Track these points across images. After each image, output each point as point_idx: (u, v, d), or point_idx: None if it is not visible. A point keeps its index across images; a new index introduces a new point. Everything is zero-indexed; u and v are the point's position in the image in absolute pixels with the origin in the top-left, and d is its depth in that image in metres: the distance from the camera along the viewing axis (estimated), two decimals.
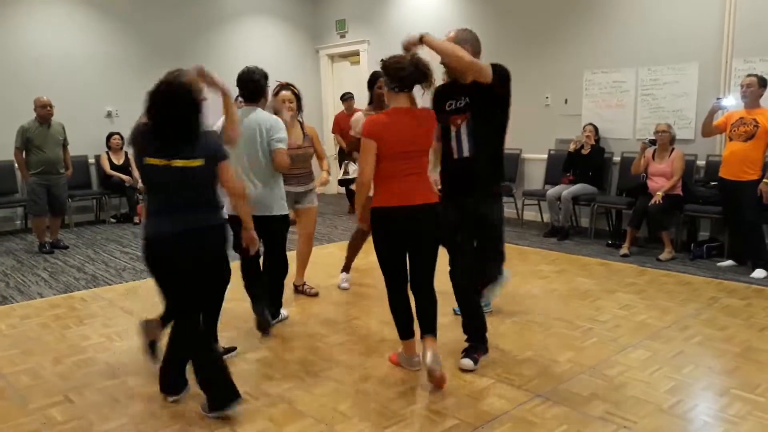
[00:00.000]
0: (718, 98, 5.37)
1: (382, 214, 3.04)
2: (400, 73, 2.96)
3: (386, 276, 3.18)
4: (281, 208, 3.83)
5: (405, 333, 3.23)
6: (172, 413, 2.87)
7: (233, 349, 3.54)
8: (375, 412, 2.85)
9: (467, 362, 3.26)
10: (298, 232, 4.62)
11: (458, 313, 3.58)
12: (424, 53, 3.00)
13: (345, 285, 4.87)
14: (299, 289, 4.72)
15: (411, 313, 3.22)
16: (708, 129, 5.37)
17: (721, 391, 3.03)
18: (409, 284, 3.20)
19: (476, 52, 3.13)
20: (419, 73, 2.96)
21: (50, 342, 3.82)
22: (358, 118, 4.36)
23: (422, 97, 3.12)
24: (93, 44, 8.19)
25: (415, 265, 3.15)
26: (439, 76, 3.14)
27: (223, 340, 3.53)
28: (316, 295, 4.67)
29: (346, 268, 4.98)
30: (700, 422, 2.73)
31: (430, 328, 3.14)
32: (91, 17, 8.16)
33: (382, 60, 3.03)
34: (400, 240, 3.08)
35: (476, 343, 3.33)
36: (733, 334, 3.77)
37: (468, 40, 3.13)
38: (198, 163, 2.70)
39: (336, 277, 5.21)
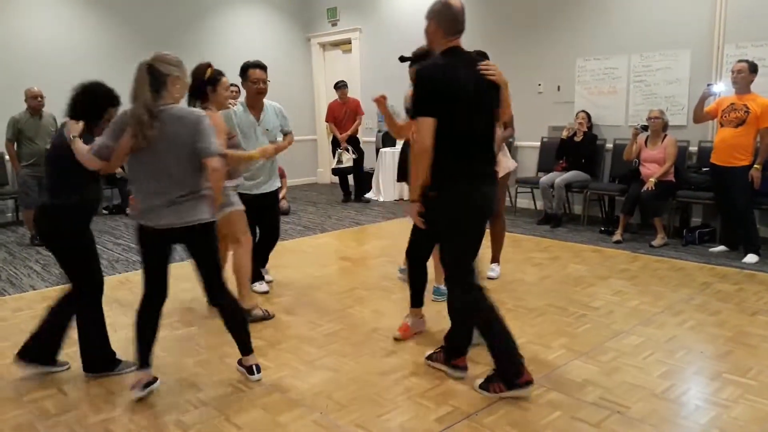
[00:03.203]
0: (709, 84, 5.38)
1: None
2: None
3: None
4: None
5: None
6: (166, 404, 2.87)
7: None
8: (369, 400, 2.86)
9: None
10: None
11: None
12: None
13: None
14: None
15: None
16: (699, 115, 5.38)
17: (713, 375, 3.05)
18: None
19: (448, 30, 2.75)
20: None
21: None
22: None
23: None
24: (83, 34, 8.11)
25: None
26: None
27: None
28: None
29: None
30: (692, 406, 2.75)
31: None
32: (81, 7, 8.08)
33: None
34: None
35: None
36: (725, 318, 3.79)
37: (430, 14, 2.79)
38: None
39: (328, 266, 5.22)
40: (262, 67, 4.13)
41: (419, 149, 2.70)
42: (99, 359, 3.19)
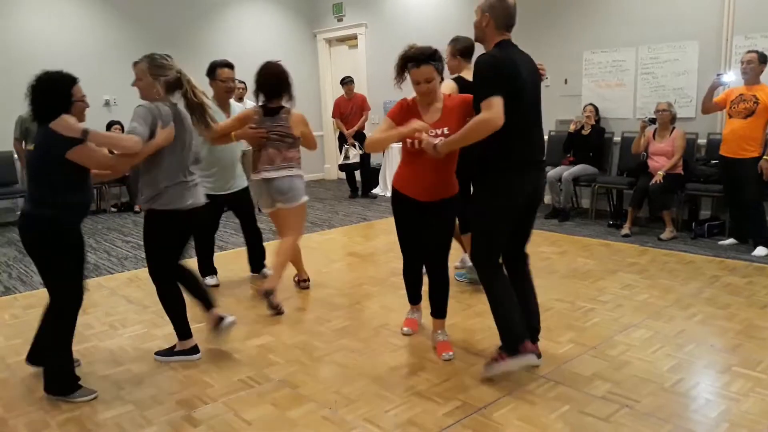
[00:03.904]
0: (719, 74, 5.34)
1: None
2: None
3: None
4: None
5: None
6: (177, 399, 2.89)
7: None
8: (378, 395, 2.87)
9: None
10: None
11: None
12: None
13: None
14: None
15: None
16: (708, 106, 5.35)
17: (723, 368, 3.03)
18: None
19: (501, 24, 2.87)
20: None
21: None
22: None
23: None
24: (89, 32, 8.14)
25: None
26: None
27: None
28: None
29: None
30: (702, 400, 2.74)
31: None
32: (87, 5, 8.11)
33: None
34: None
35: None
36: (734, 312, 3.77)
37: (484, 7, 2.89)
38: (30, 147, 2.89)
39: (336, 262, 5.22)
40: (231, 66, 4.29)
41: (492, 126, 2.66)
42: (57, 380, 2.92)
